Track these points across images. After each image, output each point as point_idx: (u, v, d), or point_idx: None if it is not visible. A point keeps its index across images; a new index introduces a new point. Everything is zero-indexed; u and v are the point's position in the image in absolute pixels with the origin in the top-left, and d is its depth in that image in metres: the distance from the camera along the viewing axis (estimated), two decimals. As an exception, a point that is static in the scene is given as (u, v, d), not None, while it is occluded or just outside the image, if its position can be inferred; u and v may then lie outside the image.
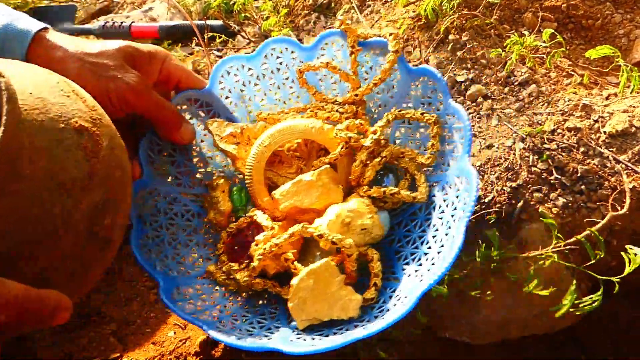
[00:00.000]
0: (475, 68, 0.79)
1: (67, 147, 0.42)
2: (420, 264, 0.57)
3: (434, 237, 0.58)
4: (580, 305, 0.56)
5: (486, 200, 0.67)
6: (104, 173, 0.45)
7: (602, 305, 0.56)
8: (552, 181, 0.67)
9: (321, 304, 0.56)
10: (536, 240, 0.64)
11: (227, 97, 0.70)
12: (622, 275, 0.54)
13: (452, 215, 0.56)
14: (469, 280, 0.63)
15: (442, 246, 0.56)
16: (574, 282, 0.57)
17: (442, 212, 0.59)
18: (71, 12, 1.28)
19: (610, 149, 0.68)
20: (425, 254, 0.58)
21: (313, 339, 0.54)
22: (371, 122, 0.67)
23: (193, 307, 0.58)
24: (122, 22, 1.23)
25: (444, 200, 0.59)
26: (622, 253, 0.54)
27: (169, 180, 0.67)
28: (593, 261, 0.56)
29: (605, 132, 0.69)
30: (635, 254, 0.53)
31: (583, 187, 0.66)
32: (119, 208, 0.47)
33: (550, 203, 0.66)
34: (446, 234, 0.56)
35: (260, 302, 0.63)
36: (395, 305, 0.54)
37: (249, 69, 0.70)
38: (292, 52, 0.70)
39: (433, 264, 0.55)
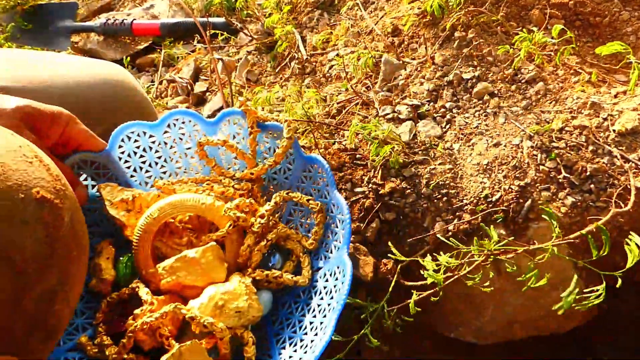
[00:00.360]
0: (481, 65, 0.78)
1: (26, 220, 0.36)
2: (295, 350, 0.57)
3: (311, 323, 0.59)
4: (583, 302, 0.54)
5: (493, 199, 0.66)
6: (62, 252, 0.39)
7: (606, 305, 0.55)
8: (560, 180, 0.66)
9: None
10: (545, 240, 0.63)
11: (126, 162, 0.69)
12: (624, 269, 0.52)
13: (329, 304, 0.57)
14: (469, 274, 0.61)
15: (316, 335, 0.56)
16: (575, 277, 0.56)
17: (322, 298, 0.59)
18: (72, 10, 1.27)
19: (620, 148, 0.67)
20: (302, 340, 0.58)
21: None
22: (268, 199, 0.67)
23: None
24: (123, 20, 1.22)
25: (324, 287, 0.60)
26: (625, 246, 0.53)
27: None
28: (594, 257, 0.54)
29: (614, 131, 0.68)
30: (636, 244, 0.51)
31: (592, 186, 0.65)
32: (71, 292, 0.42)
33: (558, 202, 0.65)
34: (321, 322, 0.57)
35: None
36: None
37: (151, 136, 0.70)
38: (194, 124, 0.70)
39: (305, 352, 0.56)
